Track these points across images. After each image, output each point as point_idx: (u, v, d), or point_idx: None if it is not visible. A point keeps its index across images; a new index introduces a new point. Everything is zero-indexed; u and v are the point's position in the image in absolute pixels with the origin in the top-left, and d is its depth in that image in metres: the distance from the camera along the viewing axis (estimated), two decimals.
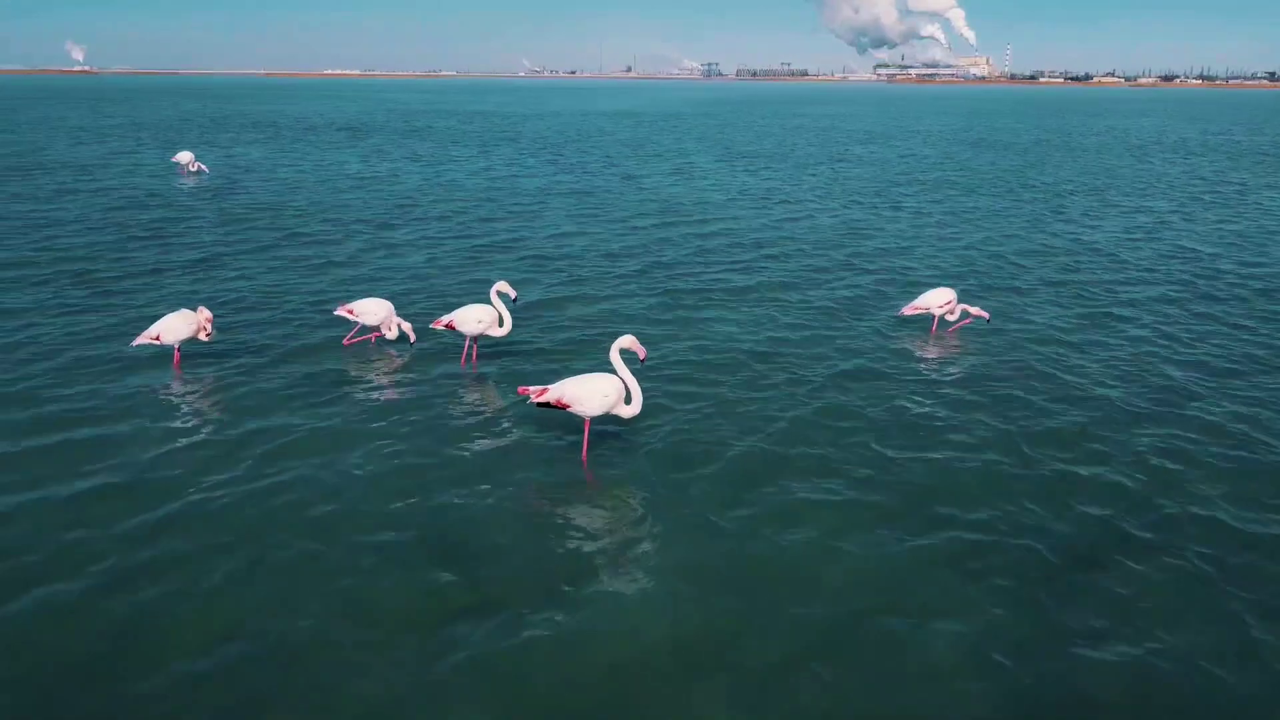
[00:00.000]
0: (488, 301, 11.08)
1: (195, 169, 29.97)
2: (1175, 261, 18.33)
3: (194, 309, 11.01)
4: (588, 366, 9.94)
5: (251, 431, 9.04)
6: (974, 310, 12.85)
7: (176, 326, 10.73)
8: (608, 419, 8.72)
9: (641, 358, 8.62)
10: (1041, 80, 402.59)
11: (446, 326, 11.03)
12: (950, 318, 12.94)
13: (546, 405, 8.54)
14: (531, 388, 8.70)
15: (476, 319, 10.95)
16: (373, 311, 11.48)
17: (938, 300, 12.89)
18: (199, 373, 10.72)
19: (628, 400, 8.61)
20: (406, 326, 11.44)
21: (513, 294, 11.09)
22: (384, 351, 11.59)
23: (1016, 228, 22.12)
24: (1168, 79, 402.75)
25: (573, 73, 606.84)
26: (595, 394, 8.41)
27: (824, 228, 21.76)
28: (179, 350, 10.93)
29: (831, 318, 13.70)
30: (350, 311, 11.48)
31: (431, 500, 7.75)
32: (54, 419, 9.21)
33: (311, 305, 13.67)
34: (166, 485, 7.87)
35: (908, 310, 13.01)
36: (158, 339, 10.64)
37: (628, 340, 8.63)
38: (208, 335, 10.90)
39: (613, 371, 8.63)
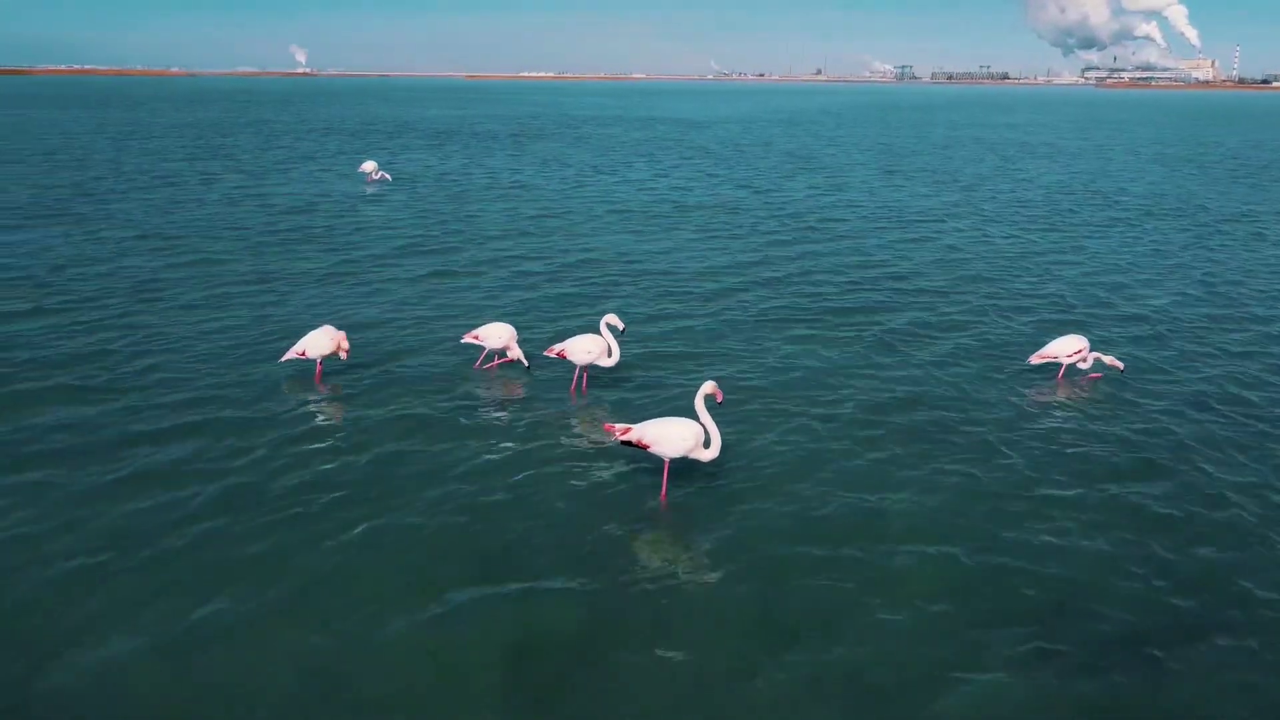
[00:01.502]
0: (598, 332, 11.55)
1: (379, 177, 32.09)
2: None
3: (336, 327, 12.06)
4: (685, 405, 10.18)
5: (366, 443, 9.93)
6: (1108, 360, 12.23)
7: (320, 342, 11.75)
8: (689, 461, 8.99)
9: (719, 400, 8.91)
10: (1275, 85, 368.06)
11: (558, 355, 11.56)
12: (1082, 366, 12.37)
13: (629, 444, 8.91)
14: (617, 426, 9.08)
15: (586, 349, 11.42)
16: (496, 335, 12.15)
17: (1067, 348, 12.34)
18: (337, 386, 11.70)
19: (707, 444, 8.86)
20: (518, 353, 12.07)
21: (621, 326, 11.51)
22: (502, 375, 12.25)
23: (1180, 265, 20.55)
24: None
25: (761, 75, 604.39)
26: (674, 437, 8.71)
27: (965, 257, 20.98)
28: (321, 364, 11.97)
29: (953, 361, 13.31)
30: (475, 337, 12.19)
31: (511, 526, 8.28)
32: (197, 422, 10.35)
33: (444, 323, 14.56)
34: (280, 483, 8.81)
35: (1035, 359, 12.50)
36: (303, 354, 11.70)
37: (710, 386, 8.90)
38: (345, 354, 11.87)
39: (695, 415, 8.90)
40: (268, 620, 6.92)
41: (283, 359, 11.79)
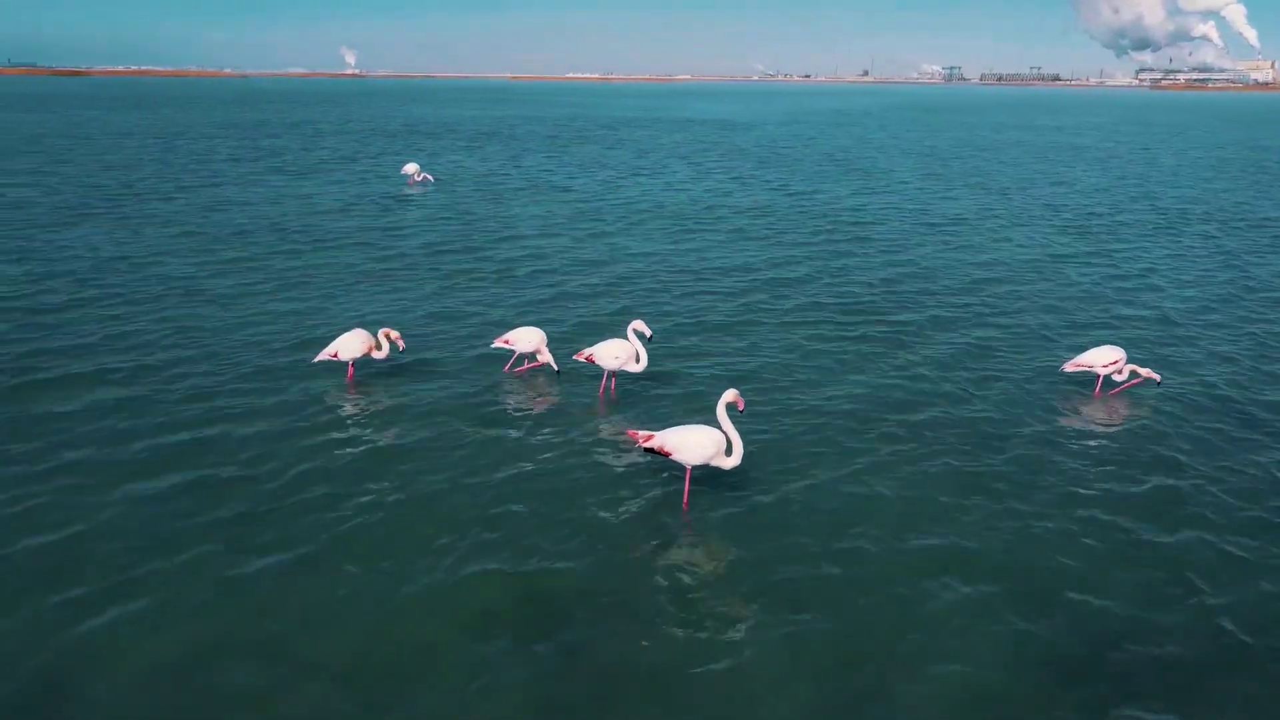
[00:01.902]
0: (626, 338, 11.57)
1: (421, 179, 32.41)
2: None
3: (369, 329, 12.19)
4: (712, 408, 10.18)
5: (389, 440, 10.17)
6: (1144, 372, 11.99)
7: (352, 344, 11.90)
8: (711, 468, 8.98)
9: (740, 409, 8.89)
10: None
11: (587, 360, 11.61)
12: (1118, 378, 12.15)
13: (652, 451, 8.91)
14: (640, 433, 9.09)
15: (614, 355, 11.46)
16: (526, 339, 12.23)
17: (1103, 359, 12.12)
18: (366, 384, 11.87)
19: (728, 452, 8.84)
20: (547, 357, 12.13)
21: (648, 333, 11.53)
22: (532, 379, 12.32)
23: (1208, 272, 20.03)
24: None
25: (806, 76, 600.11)
26: (695, 445, 8.72)
27: (1000, 262, 20.65)
28: (353, 365, 12.12)
29: (983, 367, 13.14)
30: (506, 341, 12.27)
31: (527, 526, 8.37)
32: (220, 414, 10.61)
33: (474, 323, 14.70)
34: (294, 474, 8.98)
35: (1069, 367, 12.32)
36: (335, 356, 11.86)
37: (731, 395, 8.88)
38: (400, 342, 12.01)
39: (717, 424, 8.89)
40: (268, 606, 7.07)
41: (315, 360, 11.96)
